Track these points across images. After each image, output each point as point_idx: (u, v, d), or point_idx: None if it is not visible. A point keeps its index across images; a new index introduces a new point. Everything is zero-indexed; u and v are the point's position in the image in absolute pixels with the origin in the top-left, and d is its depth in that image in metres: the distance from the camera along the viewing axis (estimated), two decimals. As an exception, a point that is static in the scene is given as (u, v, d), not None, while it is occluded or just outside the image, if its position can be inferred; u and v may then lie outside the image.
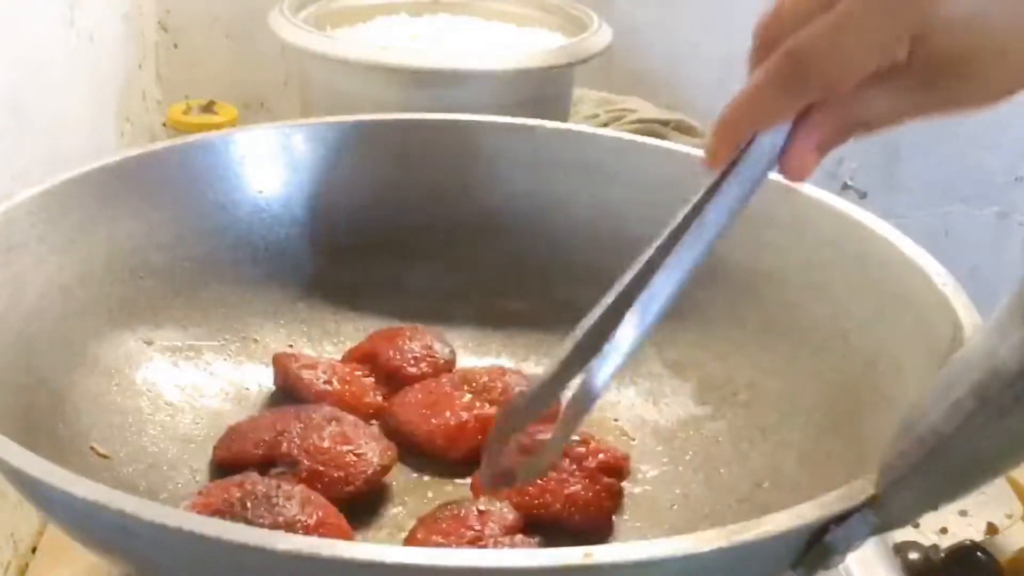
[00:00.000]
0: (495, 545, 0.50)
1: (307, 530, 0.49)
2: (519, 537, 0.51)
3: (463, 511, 0.52)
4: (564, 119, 0.90)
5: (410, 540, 0.52)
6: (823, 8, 0.39)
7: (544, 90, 0.89)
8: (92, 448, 0.53)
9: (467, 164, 0.69)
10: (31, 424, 0.49)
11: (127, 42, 0.91)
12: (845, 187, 1.00)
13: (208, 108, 0.90)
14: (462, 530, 0.51)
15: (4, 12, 0.65)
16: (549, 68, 0.86)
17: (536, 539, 0.52)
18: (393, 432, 0.59)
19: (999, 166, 1.01)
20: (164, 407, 0.59)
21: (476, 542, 0.50)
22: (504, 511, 0.52)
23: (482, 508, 0.52)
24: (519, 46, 0.93)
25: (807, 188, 0.63)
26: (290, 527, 0.48)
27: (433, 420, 0.59)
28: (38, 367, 0.53)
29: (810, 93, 0.40)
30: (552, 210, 0.70)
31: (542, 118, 0.71)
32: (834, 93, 0.40)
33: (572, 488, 0.54)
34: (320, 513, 0.50)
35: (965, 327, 0.48)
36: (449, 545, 0.50)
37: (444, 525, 0.51)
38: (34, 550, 0.66)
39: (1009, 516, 0.72)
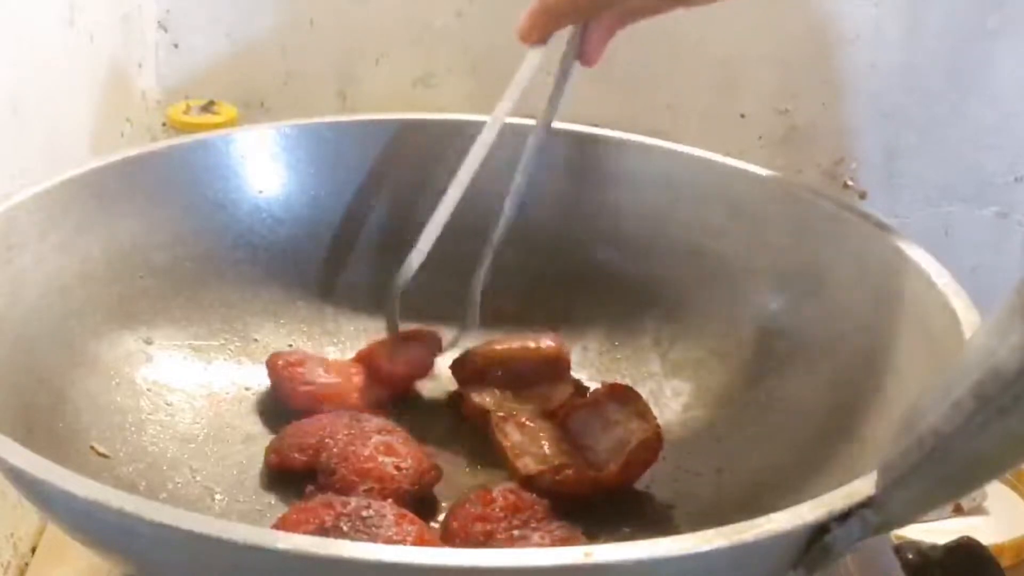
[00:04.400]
0: (537, 530, 0.50)
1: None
2: (556, 524, 0.51)
3: (493, 495, 0.51)
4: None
5: (446, 530, 0.52)
6: None
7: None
8: (92, 447, 0.53)
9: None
10: (31, 424, 0.49)
11: (127, 42, 0.91)
12: (845, 187, 0.99)
13: (208, 108, 0.90)
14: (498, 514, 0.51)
15: (4, 12, 0.65)
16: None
17: (578, 527, 0.51)
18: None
19: (999, 166, 1.00)
20: (164, 407, 0.59)
21: (523, 527, 0.50)
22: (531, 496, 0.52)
23: (513, 491, 0.52)
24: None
25: (807, 188, 0.63)
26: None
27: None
28: (38, 367, 0.53)
29: (572, 17, 0.60)
30: (552, 210, 0.69)
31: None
32: (589, 16, 0.60)
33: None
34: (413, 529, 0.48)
35: (965, 327, 0.48)
36: (493, 530, 0.50)
37: (477, 510, 0.51)
38: (34, 550, 0.66)
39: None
